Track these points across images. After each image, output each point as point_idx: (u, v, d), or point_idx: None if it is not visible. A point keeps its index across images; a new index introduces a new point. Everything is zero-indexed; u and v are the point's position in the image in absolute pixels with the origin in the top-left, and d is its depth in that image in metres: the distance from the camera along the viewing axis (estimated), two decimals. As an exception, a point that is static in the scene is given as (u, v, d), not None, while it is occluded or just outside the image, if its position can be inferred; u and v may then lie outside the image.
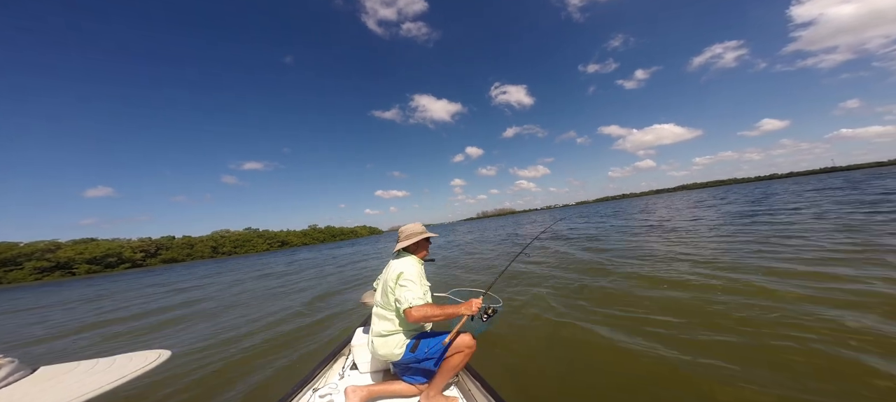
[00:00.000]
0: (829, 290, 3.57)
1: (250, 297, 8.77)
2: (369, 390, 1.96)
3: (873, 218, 7.76)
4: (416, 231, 2.16)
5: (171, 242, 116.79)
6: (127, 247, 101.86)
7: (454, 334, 1.93)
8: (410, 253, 2.14)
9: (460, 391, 2.06)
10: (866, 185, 21.27)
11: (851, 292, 3.44)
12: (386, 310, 2.00)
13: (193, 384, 3.20)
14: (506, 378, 2.62)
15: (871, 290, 3.42)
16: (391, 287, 1.94)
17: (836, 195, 15.88)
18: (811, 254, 5.15)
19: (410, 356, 1.92)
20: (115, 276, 44.33)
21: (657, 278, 4.83)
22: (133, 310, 9.06)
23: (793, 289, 3.69)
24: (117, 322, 7.51)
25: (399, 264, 2.01)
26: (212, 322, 6.12)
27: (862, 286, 3.54)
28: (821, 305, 3.23)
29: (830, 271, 4.20)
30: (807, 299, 3.40)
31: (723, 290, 3.98)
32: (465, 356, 1.91)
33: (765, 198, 20.57)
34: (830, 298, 3.36)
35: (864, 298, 3.25)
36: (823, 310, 3.10)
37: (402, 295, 1.85)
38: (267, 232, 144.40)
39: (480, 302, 1.98)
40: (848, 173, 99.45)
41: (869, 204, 10.48)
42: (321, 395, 2.04)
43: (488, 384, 1.85)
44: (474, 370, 2.03)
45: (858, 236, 5.93)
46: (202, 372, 3.46)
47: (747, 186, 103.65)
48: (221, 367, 3.58)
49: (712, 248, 6.66)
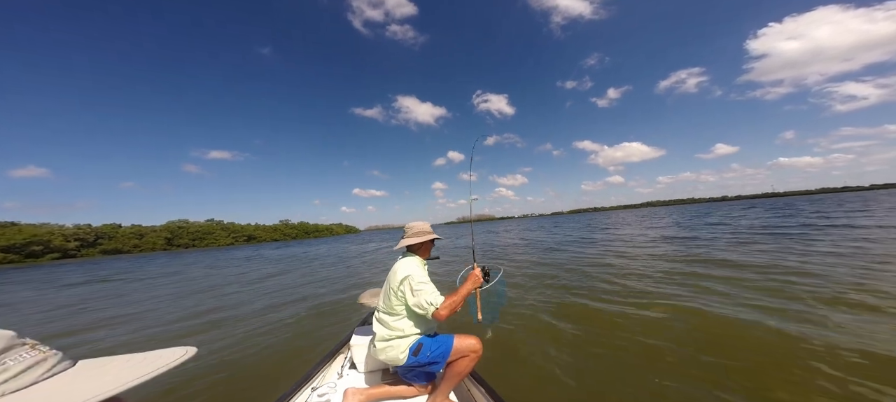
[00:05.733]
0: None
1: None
2: (369, 393, 1.92)
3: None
4: (424, 230, 2.07)
5: (116, 230, 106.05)
6: (58, 234, 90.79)
7: (466, 294, 1.91)
8: (414, 252, 2.05)
9: (464, 397, 1.99)
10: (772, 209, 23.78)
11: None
12: (388, 315, 1.91)
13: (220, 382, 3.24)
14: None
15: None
16: (395, 290, 1.86)
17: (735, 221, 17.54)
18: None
19: (414, 360, 1.85)
20: (31, 269, 38.67)
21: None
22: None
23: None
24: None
25: (404, 266, 1.91)
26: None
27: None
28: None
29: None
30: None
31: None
32: (472, 360, 1.84)
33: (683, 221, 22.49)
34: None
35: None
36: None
37: (424, 300, 1.79)
38: (232, 225, 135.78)
39: (478, 270, 2.01)
40: (784, 199, 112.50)
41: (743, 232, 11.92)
42: (320, 394, 2.03)
43: (495, 392, 1.78)
44: (479, 375, 1.96)
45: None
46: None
47: (699, 205, 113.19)
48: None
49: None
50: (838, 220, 13.76)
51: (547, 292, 5.42)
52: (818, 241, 8.33)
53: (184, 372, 3.28)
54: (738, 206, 55.45)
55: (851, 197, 58.30)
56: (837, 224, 12.01)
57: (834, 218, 14.88)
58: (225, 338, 4.46)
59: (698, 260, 6.97)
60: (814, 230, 10.71)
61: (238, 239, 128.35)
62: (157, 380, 0.46)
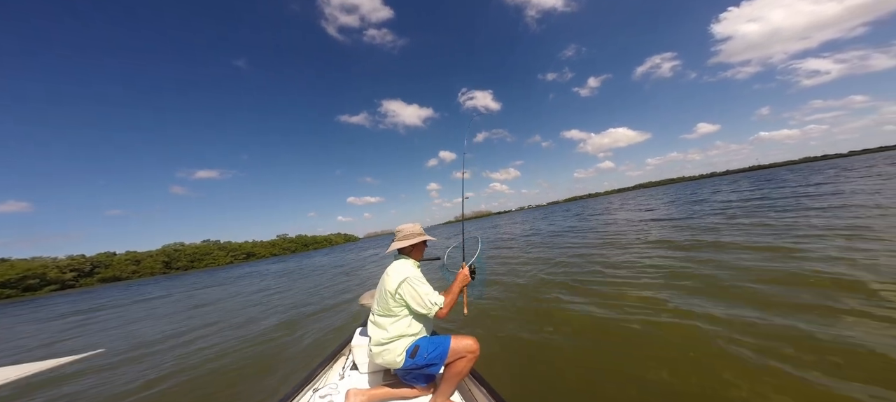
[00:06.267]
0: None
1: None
2: (370, 394, 1.95)
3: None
4: (415, 232, 2.06)
5: (111, 258, 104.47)
6: (53, 266, 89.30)
7: (458, 293, 1.95)
8: (406, 255, 2.06)
9: (465, 397, 1.99)
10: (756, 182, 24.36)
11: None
12: (384, 317, 1.90)
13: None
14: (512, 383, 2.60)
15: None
16: (392, 292, 1.85)
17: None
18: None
19: (411, 362, 1.85)
20: (39, 300, 38.56)
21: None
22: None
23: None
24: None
25: (400, 269, 1.92)
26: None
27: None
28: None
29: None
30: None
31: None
32: (469, 361, 1.84)
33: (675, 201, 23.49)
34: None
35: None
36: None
37: (427, 300, 1.83)
38: (229, 244, 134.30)
39: (466, 269, 2.03)
40: (769, 171, 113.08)
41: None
42: (321, 395, 2.03)
43: (496, 392, 1.78)
44: (480, 375, 1.96)
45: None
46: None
47: (689, 184, 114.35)
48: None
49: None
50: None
51: (545, 288, 5.33)
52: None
53: (186, 378, 3.46)
54: (725, 181, 54.52)
55: (828, 165, 59.45)
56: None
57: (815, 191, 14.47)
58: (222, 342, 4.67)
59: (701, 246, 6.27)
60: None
61: (237, 257, 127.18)
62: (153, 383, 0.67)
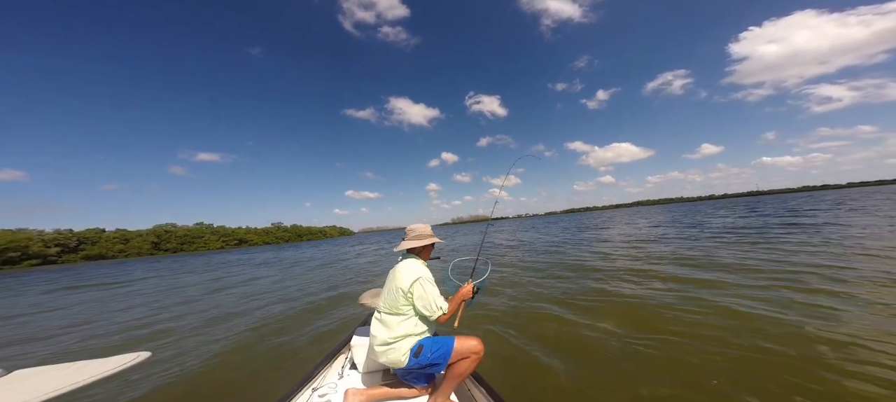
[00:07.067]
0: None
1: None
2: (369, 393, 1.94)
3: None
4: (426, 233, 2.10)
5: (100, 235, 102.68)
6: (37, 239, 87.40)
7: (457, 306, 1.99)
8: (415, 255, 2.06)
9: (465, 398, 1.99)
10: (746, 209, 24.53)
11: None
12: (390, 315, 1.89)
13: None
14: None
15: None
16: (404, 291, 1.85)
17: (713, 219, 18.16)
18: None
19: (414, 362, 1.84)
20: (16, 275, 37.35)
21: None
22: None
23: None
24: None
25: (412, 268, 1.93)
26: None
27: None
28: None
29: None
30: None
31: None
32: (473, 361, 1.84)
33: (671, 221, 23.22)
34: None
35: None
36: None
37: (434, 302, 1.86)
38: (222, 228, 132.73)
39: (471, 286, 2.06)
40: (765, 197, 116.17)
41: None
42: (321, 394, 2.04)
43: (496, 393, 1.78)
44: (480, 376, 1.97)
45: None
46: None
47: (685, 205, 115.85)
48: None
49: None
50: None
51: (546, 293, 5.54)
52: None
53: (176, 376, 3.26)
54: (723, 205, 56.48)
55: (830, 194, 60.48)
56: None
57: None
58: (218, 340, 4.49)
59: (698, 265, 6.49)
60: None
61: (228, 243, 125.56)
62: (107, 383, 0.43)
